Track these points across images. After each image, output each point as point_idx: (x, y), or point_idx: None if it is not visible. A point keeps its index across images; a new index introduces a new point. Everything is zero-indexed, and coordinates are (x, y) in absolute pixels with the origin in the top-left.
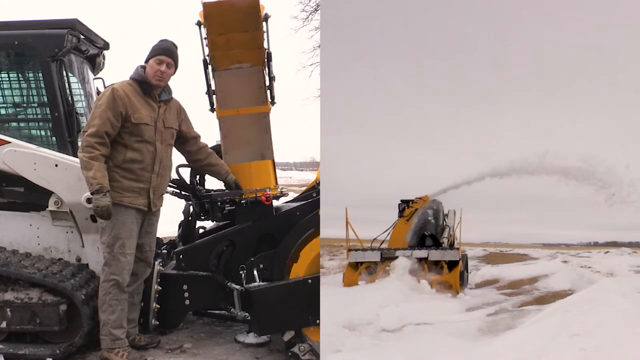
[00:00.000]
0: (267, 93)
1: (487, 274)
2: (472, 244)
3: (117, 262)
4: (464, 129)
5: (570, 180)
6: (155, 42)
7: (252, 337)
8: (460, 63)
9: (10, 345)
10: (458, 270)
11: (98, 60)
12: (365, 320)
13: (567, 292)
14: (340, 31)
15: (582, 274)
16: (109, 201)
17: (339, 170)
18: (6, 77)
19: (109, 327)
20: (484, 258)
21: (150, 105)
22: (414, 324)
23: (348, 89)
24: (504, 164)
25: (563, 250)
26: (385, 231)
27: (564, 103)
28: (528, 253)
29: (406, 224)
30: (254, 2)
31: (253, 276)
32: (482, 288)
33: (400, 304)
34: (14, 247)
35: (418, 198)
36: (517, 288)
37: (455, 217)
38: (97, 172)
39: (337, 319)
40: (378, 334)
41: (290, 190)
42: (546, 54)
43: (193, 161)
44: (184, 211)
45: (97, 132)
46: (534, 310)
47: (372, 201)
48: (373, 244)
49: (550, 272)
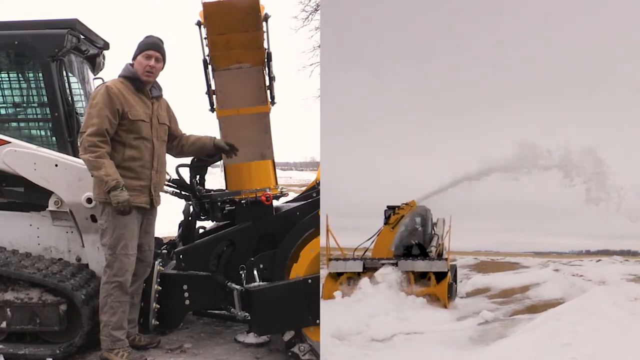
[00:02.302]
0: (267, 93)
1: (478, 283)
2: (463, 253)
3: (120, 263)
4: (464, 130)
5: (564, 178)
6: (141, 39)
7: (252, 337)
8: (461, 63)
9: (10, 345)
10: (446, 282)
11: (98, 60)
12: (355, 330)
13: (559, 300)
14: (340, 31)
15: (574, 282)
16: (127, 195)
17: (338, 170)
18: (6, 77)
19: (109, 328)
20: (475, 267)
21: (143, 102)
22: (404, 333)
23: (348, 89)
24: (496, 160)
25: (554, 259)
26: (369, 239)
27: (563, 104)
28: (519, 261)
29: (391, 232)
30: (254, 2)
31: (253, 276)
32: (473, 297)
33: (391, 313)
34: (14, 247)
35: (404, 204)
36: (508, 297)
37: (445, 226)
38: (108, 169)
39: (326, 329)
40: (368, 344)
41: (290, 190)
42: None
43: (178, 153)
44: (184, 211)
45: (98, 131)
46: (525, 319)
47: (373, 202)
48: (356, 253)
49: (541, 281)
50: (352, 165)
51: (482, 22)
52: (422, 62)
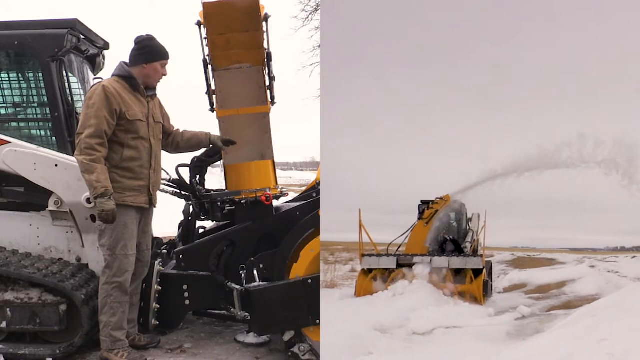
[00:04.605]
0: (267, 93)
1: (515, 279)
2: (500, 249)
3: (119, 264)
4: (466, 129)
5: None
6: (146, 43)
7: (252, 337)
8: (461, 63)
9: (10, 345)
10: (482, 280)
11: (98, 60)
12: (397, 324)
13: (595, 297)
14: (340, 31)
15: (610, 278)
16: (114, 204)
17: (339, 170)
18: (6, 77)
19: (109, 329)
20: (512, 263)
21: (140, 101)
22: (444, 327)
23: (348, 89)
24: (530, 156)
25: (590, 255)
26: (403, 234)
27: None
28: (555, 258)
29: (425, 227)
30: (254, 2)
31: (253, 276)
32: (511, 292)
33: (431, 307)
34: (14, 247)
35: (439, 198)
36: (545, 292)
37: (480, 221)
38: (100, 174)
39: (368, 322)
40: (409, 337)
41: (290, 190)
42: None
43: (174, 150)
44: (184, 211)
45: (95, 133)
46: (561, 314)
47: (372, 203)
48: (389, 248)
49: (577, 277)
50: (352, 165)
51: (483, 21)
52: (422, 61)
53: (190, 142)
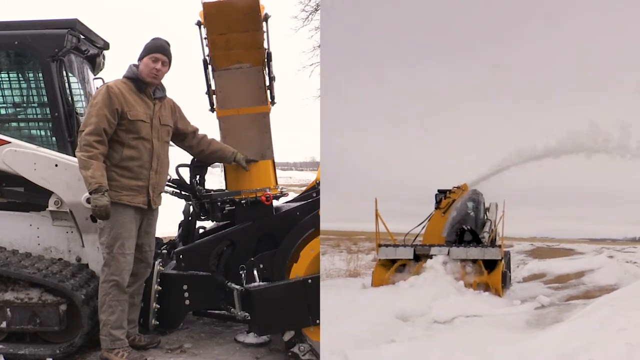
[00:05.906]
0: (267, 93)
1: (534, 269)
2: (519, 239)
3: (116, 262)
4: (464, 127)
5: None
6: (148, 41)
7: (252, 337)
8: (460, 62)
9: (10, 345)
10: (500, 271)
11: (98, 60)
12: (419, 312)
13: (613, 287)
14: (340, 31)
15: (628, 269)
16: (107, 200)
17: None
18: (6, 77)
19: (108, 327)
20: (531, 252)
21: (145, 102)
22: (464, 316)
23: (348, 89)
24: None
25: (609, 245)
26: (420, 224)
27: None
28: (574, 248)
29: (443, 217)
30: (254, 2)
31: (253, 276)
32: (530, 282)
33: (452, 296)
34: (14, 247)
35: (456, 187)
36: (563, 282)
37: (498, 211)
38: (95, 171)
39: (390, 310)
40: (430, 325)
41: (290, 190)
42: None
43: (197, 154)
44: (184, 211)
45: (95, 130)
46: (580, 304)
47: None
48: (406, 238)
49: (596, 267)
50: (352, 164)
51: (483, 21)
52: (422, 61)
53: (215, 154)
